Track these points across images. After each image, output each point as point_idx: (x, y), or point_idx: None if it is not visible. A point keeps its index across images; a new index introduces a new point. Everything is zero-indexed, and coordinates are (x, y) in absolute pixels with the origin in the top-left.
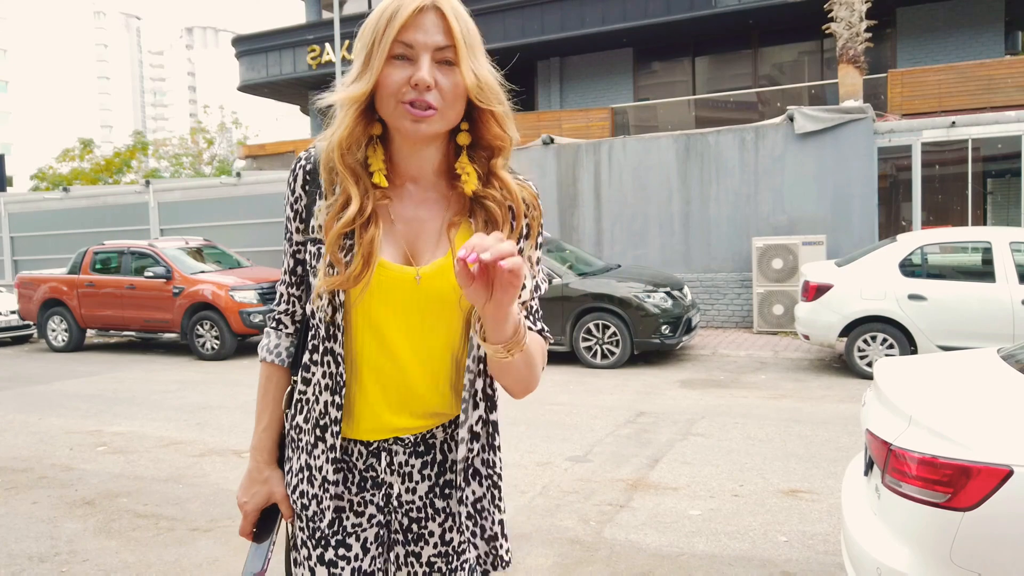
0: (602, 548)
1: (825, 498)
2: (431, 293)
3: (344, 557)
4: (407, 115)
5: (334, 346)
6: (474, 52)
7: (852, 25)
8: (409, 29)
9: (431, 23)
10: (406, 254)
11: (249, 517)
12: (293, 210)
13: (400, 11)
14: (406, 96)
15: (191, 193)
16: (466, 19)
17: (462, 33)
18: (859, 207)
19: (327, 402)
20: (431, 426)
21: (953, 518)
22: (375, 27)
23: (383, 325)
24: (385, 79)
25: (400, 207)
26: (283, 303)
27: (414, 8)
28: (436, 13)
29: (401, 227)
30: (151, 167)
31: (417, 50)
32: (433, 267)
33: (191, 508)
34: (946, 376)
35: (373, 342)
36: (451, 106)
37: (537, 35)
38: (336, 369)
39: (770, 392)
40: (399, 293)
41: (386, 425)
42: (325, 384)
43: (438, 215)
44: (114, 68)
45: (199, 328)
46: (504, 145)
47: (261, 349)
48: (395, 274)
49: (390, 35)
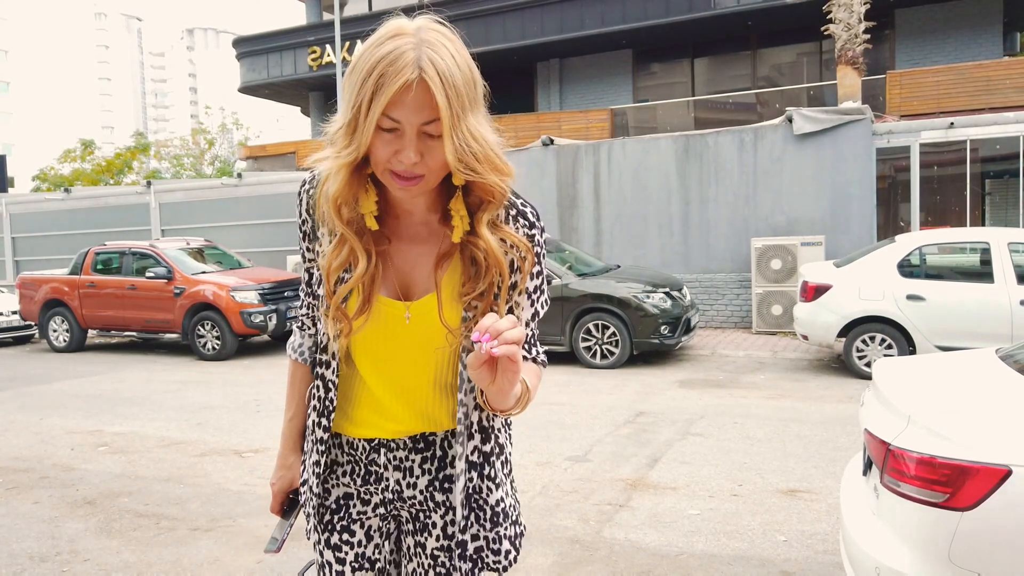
0: (601, 547)
1: (824, 498)
2: (420, 330)
3: (348, 542)
4: (394, 183)
5: (325, 372)
6: (463, 119)
7: (851, 26)
8: (394, 106)
9: (416, 100)
10: (397, 289)
11: (277, 497)
12: (302, 231)
13: (386, 86)
14: (392, 166)
15: (192, 194)
16: (456, 81)
17: (448, 104)
18: (858, 208)
19: (314, 421)
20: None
21: (952, 518)
22: (360, 90)
23: (378, 354)
24: (373, 150)
25: (394, 241)
26: (304, 307)
27: (400, 85)
28: (422, 86)
29: (394, 260)
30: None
31: (403, 124)
32: (421, 305)
33: (192, 508)
34: (945, 376)
35: (370, 367)
36: (437, 172)
37: (537, 36)
38: (324, 394)
39: (769, 392)
40: (392, 327)
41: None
42: (314, 405)
43: (430, 251)
44: (115, 69)
45: (200, 328)
46: (492, 200)
47: (288, 346)
48: (388, 309)
49: (376, 111)
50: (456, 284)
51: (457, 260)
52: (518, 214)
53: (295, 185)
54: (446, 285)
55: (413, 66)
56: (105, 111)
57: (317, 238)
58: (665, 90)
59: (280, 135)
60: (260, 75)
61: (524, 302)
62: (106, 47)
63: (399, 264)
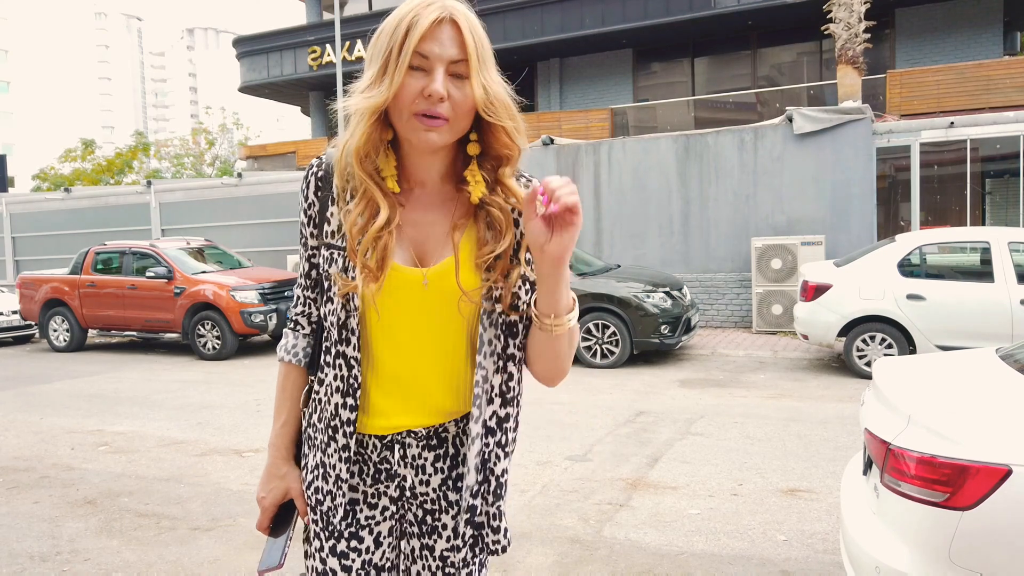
0: (602, 547)
1: (824, 497)
2: (438, 295)
3: (355, 549)
4: (419, 125)
5: (346, 349)
6: (486, 66)
7: (851, 26)
8: (426, 40)
9: (447, 36)
10: (414, 256)
11: (267, 512)
12: (307, 216)
13: (419, 22)
14: (418, 107)
15: (192, 194)
16: (480, 32)
17: (475, 47)
18: (858, 207)
19: (338, 404)
20: (443, 421)
21: (952, 517)
22: (392, 34)
23: (395, 326)
24: (400, 93)
25: (408, 210)
26: (300, 305)
27: (433, 20)
28: (452, 26)
29: (409, 230)
30: (152, 168)
31: (432, 61)
32: (439, 269)
33: (192, 507)
34: (945, 376)
35: (386, 343)
36: (461, 118)
37: (537, 36)
38: (348, 372)
39: (769, 392)
40: (409, 295)
41: (398, 424)
42: (336, 387)
43: (444, 218)
44: (115, 69)
45: (200, 328)
46: (512, 155)
47: (280, 349)
48: (405, 276)
49: (409, 46)
50: (472, 248)
51: (472, 224)
52: (527, 182)
53: (295, 185)
54: (463, 248)
55: (442, 8)
56: (105, 111)
57: (327, 219)
58: (665, 90)
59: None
60: (260, 75)
61: None
62: (106, 47)
63: (413, 233)
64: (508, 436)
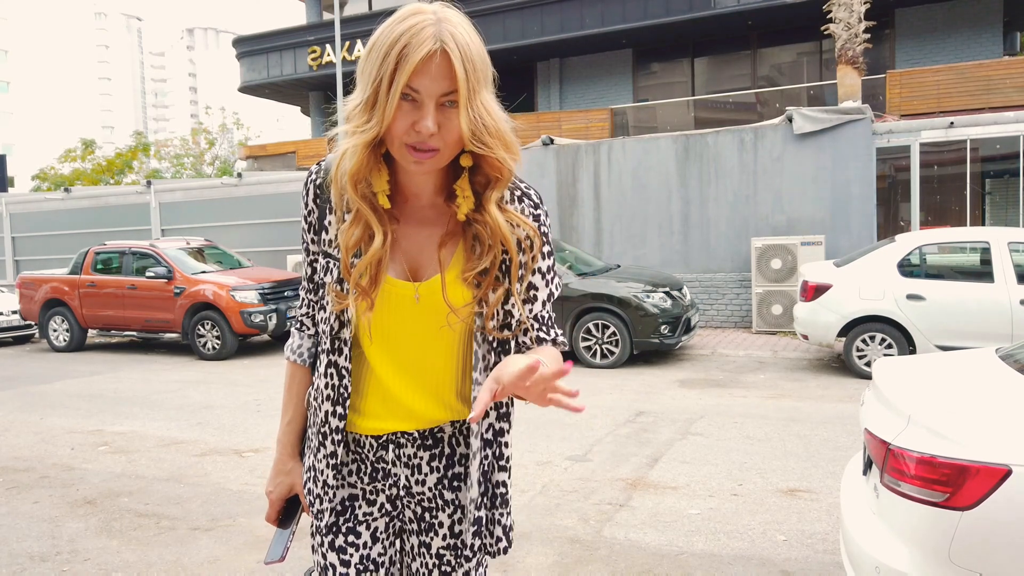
0: (602, 547)
1: (824, 497)
2: (429, 309)
3: (353, 544)
4: (409, 157)
5: (338, 359)
6: (478, 92)
7: (851, 26)
8: (417, 75)
9: (438, 69)
10: (407, 270)
11: (274, 505)
12: (307, 222)
13: (409, 56)
14: (409, 139)
15: (192, 194)
16: (473, 55)
17: (466, 78)
18: (858, 207)
19: (328, 411)
20: (431, 427)
21: (952, 517)
22: (383, 61)
23: (389, 338)
24: (393, 122)
25: (402, 224)
26: (304, 307)
27: (424, 54)
28: (443, 56)
29: (403, 243)
30: (152, 168)
31: (423, 95)
32: (430, 284)
33: (192, 507)
34: (944, 376)
35: (378, 354)
36: (452, 145)
37: (537, 36)
38: (339, 382)
39: (769, 392)
40: (401, 308)
41: (390, 427)
42: (327, 395)
43: (436, 232)
44: (115, 69)
45: (200, 328)
46: (500, 178)
47: (286, 348)
48: (397, 290)
49: (400, 80)
50: (461, 263)
51: (460, 242)
52: (522, 195)
53: (295, 185)
54: (453, 264)
55: (434, 38)
56: (105, 111)
57: (324, 227)
58: (665, 90)
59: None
60: (260, 75)
61: (539, 282)
62: (106, 47)
63: (407, 246)
64: (503, 451)
